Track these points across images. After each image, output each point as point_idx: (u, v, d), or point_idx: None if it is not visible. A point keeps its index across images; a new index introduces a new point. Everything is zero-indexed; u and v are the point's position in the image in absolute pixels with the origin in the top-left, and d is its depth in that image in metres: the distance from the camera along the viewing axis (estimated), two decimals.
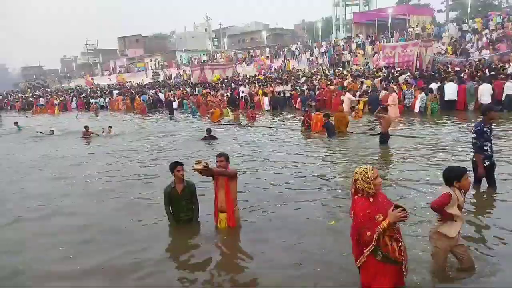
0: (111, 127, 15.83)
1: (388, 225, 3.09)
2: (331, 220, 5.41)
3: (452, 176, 3.77)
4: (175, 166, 5.25)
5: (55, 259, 4.97)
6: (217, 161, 5.14)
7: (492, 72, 15.84)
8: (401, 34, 30.31)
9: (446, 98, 15.49)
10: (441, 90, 15.73)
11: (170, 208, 5.43)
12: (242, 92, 24.76)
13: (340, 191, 6.84)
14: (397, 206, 3.12)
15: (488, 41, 23.17)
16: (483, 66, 17.94)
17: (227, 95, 24.81)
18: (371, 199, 3.24)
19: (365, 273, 3.33)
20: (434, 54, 22.37)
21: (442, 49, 24.31)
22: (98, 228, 5.85)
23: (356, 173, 3.31)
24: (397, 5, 43.03)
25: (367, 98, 17.65)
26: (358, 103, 17.60)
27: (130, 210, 6.53)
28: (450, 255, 3.87)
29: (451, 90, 15.48)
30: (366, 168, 3.28)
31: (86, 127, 15.46)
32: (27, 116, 30.61)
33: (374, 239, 3.11)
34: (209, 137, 13.08)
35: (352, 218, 3.29)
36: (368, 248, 3.16)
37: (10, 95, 48.68)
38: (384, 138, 10.13)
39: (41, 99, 38.91)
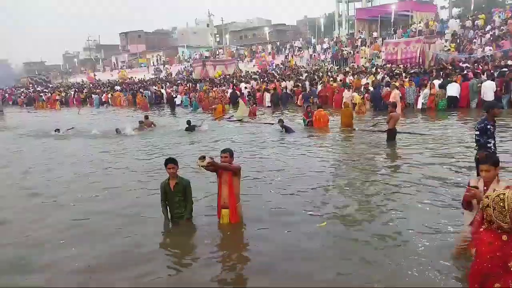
0: (141, 121, 16.02)
1: None
2: (322, 221, 5.36)
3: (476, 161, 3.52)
4: (167, 164, 5.25)
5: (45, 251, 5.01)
6: (221, 157, 5.13)
7: (504, 69, 15.71)
8: (404, 30, 30.17)
9: (448, 94, 15.44)
10: (443, 86, 15.68)
11: (166, 204, 5.43)
12: (245, 88, 24.74)
13: (347, 189, 6.85)
14: None
15: (492, 38, 23.07)
16: (486, 63, 17.89)
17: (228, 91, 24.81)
18: (504, 236, 2.30)
19: None
20: (437, 50, 22.28)
21: (445, 46, 24.21)
22: (92, 221, 5.88)
23: (487, 197, 2.37)
24: (400, 1, 42.76)
25: (363, 94, 17.59)
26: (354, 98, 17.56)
27: (129, 205, 6.53)
28: None
29: (453, 87, 15.42)
30: (504, 195, 2.26)
31: (141, 121, 15.90)
32: (29, 112, 30.68)
33: None
34: (190, 128, 14.33)
35: (473, 256, 2.44)
36: None
37: (12, 90, 48.73)
38: (391, 135, 10.17)
39: (42, 94, 38.99)
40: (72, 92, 37.20)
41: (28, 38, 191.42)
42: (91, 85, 42.76)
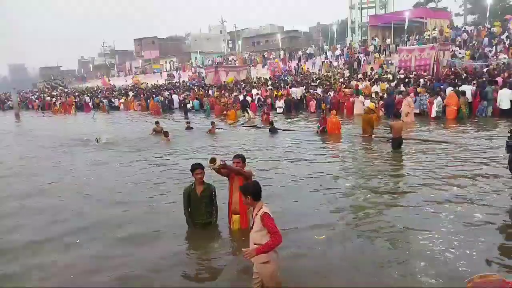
0: (158, 122, 16.20)
1: None
2: (320, 235, 5.24)
3: None
4: (194, 169, 5.19)
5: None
6: (233, 162, 5.13)
7: None
8: (419, 38, 29.92)
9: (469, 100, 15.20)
10: (457, 92, 15.44)
11: (189, 210, 5.38)
12: (257, 94, 24.78)
13: (353, 198, 6.80)
14: None
15: (508, 45, 22.73)
16: (502, 70, 17.62)
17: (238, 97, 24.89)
18: None
19: None
20: (451, 58, 22.06)
21: (460, 53, 23.95)
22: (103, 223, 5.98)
23: None
24: (414, 8, 42.51)
25: (376, 101, 17.46)
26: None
27: (146, 208, 6.60)
28: None
29: (467, 94, 15.19)
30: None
31: (157, 122, 16.17)
32: (43, 116, 31.16)
33: None
34: (189, 128, 16.00)
35: None
36: None
37: (29, 94, 49.67)
38: (396, 143, 10.17)
39: (56, 98, 39.61)
40: (87, 98, 37.64)
41: (45, 43, 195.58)
42: (105, 90, 43.27)
